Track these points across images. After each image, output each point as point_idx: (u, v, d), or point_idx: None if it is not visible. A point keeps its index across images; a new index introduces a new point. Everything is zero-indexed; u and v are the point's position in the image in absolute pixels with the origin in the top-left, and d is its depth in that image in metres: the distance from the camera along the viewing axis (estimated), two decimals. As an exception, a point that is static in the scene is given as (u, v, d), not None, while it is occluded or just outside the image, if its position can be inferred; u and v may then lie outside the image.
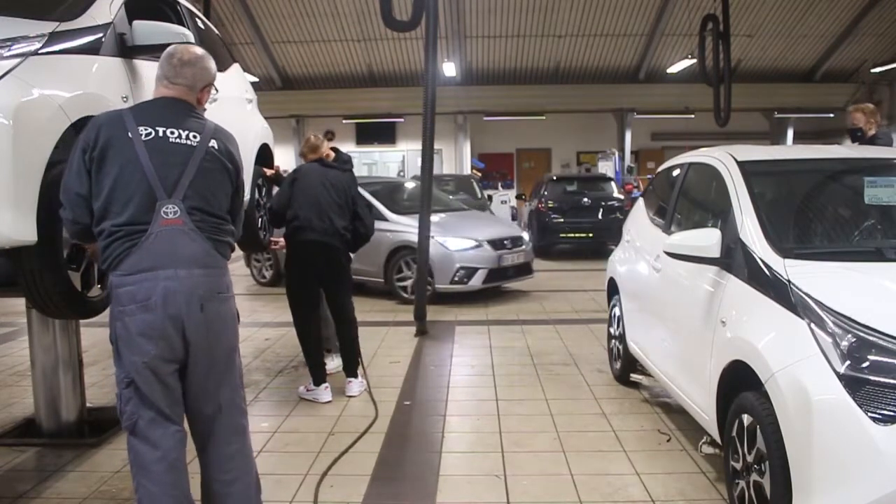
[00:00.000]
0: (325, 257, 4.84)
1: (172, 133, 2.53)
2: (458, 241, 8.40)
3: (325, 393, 4.87)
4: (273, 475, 3.60)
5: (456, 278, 8.42)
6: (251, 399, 4.94)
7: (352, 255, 5.16)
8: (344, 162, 5.13)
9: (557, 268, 12.06)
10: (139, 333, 2.45)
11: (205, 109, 2.76)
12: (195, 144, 2.56)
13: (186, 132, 2.56)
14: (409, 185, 11.08)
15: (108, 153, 2.47)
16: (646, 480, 3.53)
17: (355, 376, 5.05)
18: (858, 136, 5.97)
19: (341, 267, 5.02)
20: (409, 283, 8.52)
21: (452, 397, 4.99)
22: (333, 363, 5.41)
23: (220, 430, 2.64)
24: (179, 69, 2.64)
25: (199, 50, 2.74)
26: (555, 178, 15.04)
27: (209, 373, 2.58)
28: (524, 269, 9.17)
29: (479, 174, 19.36)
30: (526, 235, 9.61)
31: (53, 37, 2.98)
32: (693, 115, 19.20)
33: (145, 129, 2.51)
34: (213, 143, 2.62)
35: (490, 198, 15.10)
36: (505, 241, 8.80)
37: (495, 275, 8.56)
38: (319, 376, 4.90)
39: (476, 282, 8.44)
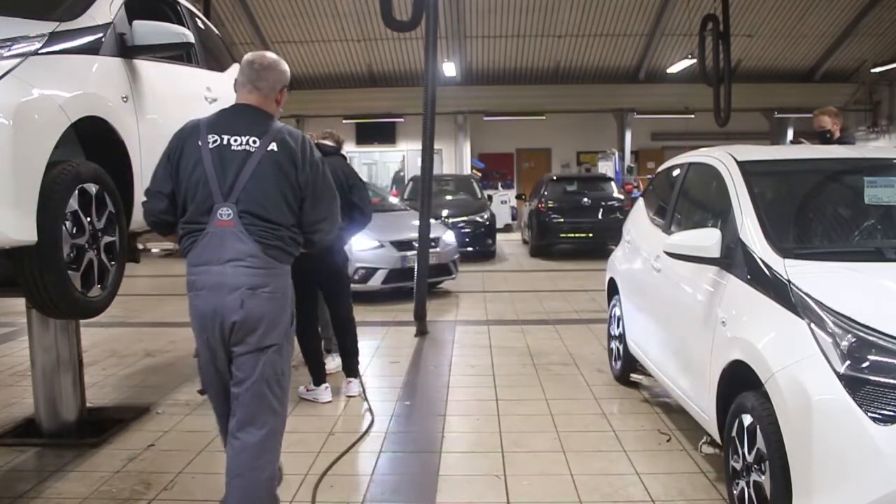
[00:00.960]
0: (321, 258, 4.83)
1: (235, 140, 2.74)
2: (359, 242, 8.34)
3: (324, 393, 4.87)
4: (273, 475, 3.60)
5: (356, 277, 8.47)
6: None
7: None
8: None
9: (557, 268, 12.07)
10: (196, 316, 2.76)
11: (279, 113, 2.94)
12: (253, 150, 2.73)
13: (247, 138, 2.74)
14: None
15: (183, 159, 2.76)
16: (646, 480, 3.53)
17: (355, 376, 5.05)
18: (827, 139, 6.22)
19: (338, 267, 5.02)
20: None
21: (452, 397, 4.99)
22: (333, 363, 5.41)
23: (241, 417, 2.74)
24: (262, 73, 2.85)
25: (273, 55, 2.96)
26: (555, 178, 15.04)
27: (245, 363, 2.74)
28: (441, 270, 9.14)
29: (479, 174, 19.38)
30: (449, 237, 9.53)
31: (53, 37, 2.98)
32: (693, 115, 19.19)
33: (213, 138, 2.74)
34: (272, 146, 2.74)
35: (490, 198, 15.10)
36: (415, 243, 8.79)
37: (398, 275, 8.55)
38: (319, 376, 4.90)
39: (375, 282, 8.55)
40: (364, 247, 8.37)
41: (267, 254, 2.70)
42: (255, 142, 2.73)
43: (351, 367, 5.07)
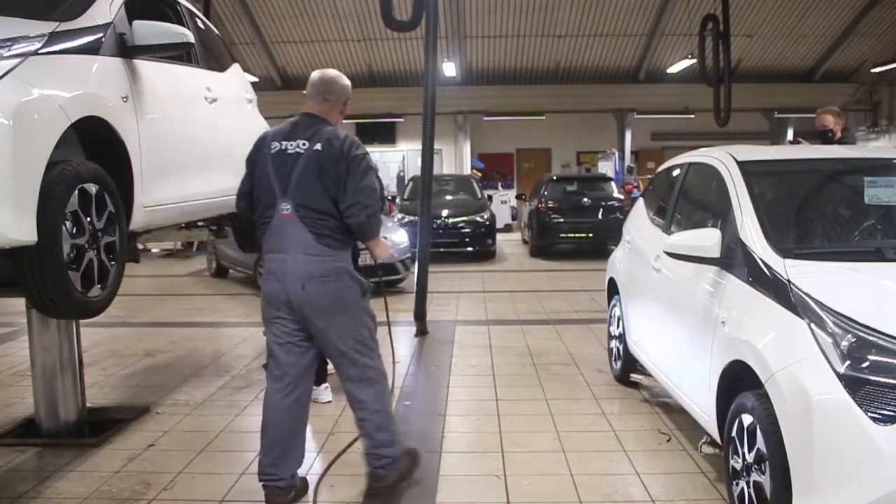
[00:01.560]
0: None
1: (291, 145, 3.20)
2: None
3: (325, 393, 4.87)
4: (273, 475, 3.60)
5: None
6: (251, 399, 4.95)
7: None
8: None
9: (557, 268, 12.07)
10: (265, 297, 3.26)
11: (341, 123, 3.36)
12: (302, 151, 3.17)
13: (299, 141, 3.19)
14: None
15: (255, 164, 3.30)
16: (646, 480, 3.53)
17: None
18: (829, 138, 6.22)
19: None
20: None
21: (452, 397, 4.99)
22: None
23: (349, 382, 3.33)
24: (330, 86, 3.32)
25: (336, 71, 3.39)
26: (555, 178, 15.05)
27: (322, 335, 3.24)
28: (389, 270, 8.96)
29: (479, 174, 19.38)
30: (399, 236, 9.38)
31: (53, 37, 2.97)
32: (693, 115, 19.18)
33: (274, 145, 3.24)
34: (318, 146, 3.16)
35: (490, 198, 15.11)
36: (359, 244, 8.71)
37: None
38: (320, 376, 4.89)
39: None
40: None
41: (320, 242, 3.14)
42: (304, 144, 3.17)
43: None
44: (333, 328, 3.22)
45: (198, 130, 4.31)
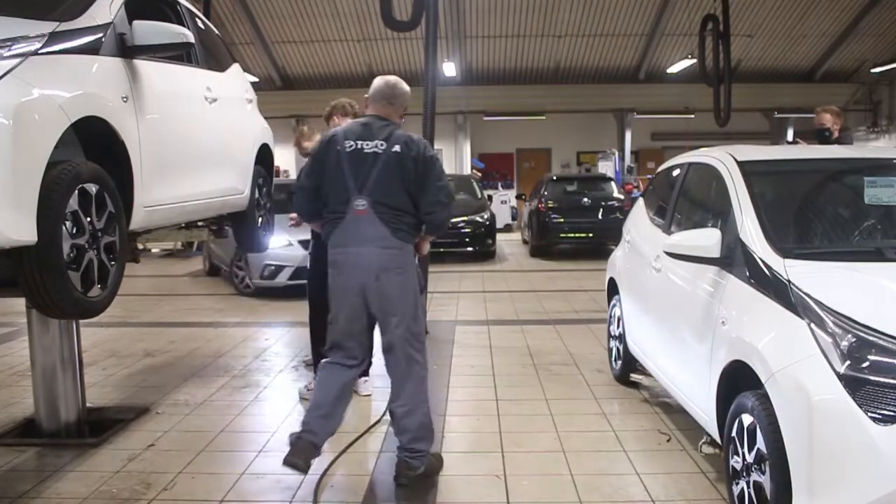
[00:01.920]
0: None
1: (367, 144, 3.39)
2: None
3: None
4: (273, 475, 3.60)
5: (265, 274, 8.76)
6: (251, 399, 4.95)
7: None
8: None
9: (557, 268, 12.08)
10: (337, 289, 3.42)
11: (399, 125, 3.53)
12: (380, 152, 3.37)
13: (376, 142, 3.39)
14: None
15: (326, 161, 3.43)
16: (646, 480, 3.53)
17: (367, 374, 5.04)
18: (826, 137, 6.20)
19: None
20: (244, 276, 9.39)
21: (452, 397, 4.99)
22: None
23: (393, 370, 3.50)
24: (395, 91, 3.54)
25: (396, 77, 3.62)
26: (555, 178, 15.06)
27: (385, 324, 3.43)
28: None
29: (480, 174, 19.38)
30: None
31: (53, 37, 2.97)
32: (693, 115, 19.18)
33: (349, 143, 3.40)
34: (396, 147, 3.36)
35: (490, 198, 15.11)
36: None
37: (303, 273, 8.42)
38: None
39: (282, 278, 8.75)
40: (272, 245, 8.05)
41: (396, 236, 3.35)
42: (382, 145, 3.37)
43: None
44: (396, 319, 3.40)
45: (198, 130, 4.31)
